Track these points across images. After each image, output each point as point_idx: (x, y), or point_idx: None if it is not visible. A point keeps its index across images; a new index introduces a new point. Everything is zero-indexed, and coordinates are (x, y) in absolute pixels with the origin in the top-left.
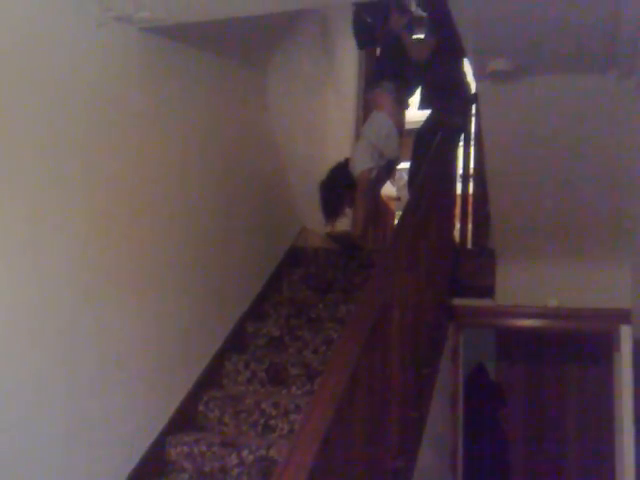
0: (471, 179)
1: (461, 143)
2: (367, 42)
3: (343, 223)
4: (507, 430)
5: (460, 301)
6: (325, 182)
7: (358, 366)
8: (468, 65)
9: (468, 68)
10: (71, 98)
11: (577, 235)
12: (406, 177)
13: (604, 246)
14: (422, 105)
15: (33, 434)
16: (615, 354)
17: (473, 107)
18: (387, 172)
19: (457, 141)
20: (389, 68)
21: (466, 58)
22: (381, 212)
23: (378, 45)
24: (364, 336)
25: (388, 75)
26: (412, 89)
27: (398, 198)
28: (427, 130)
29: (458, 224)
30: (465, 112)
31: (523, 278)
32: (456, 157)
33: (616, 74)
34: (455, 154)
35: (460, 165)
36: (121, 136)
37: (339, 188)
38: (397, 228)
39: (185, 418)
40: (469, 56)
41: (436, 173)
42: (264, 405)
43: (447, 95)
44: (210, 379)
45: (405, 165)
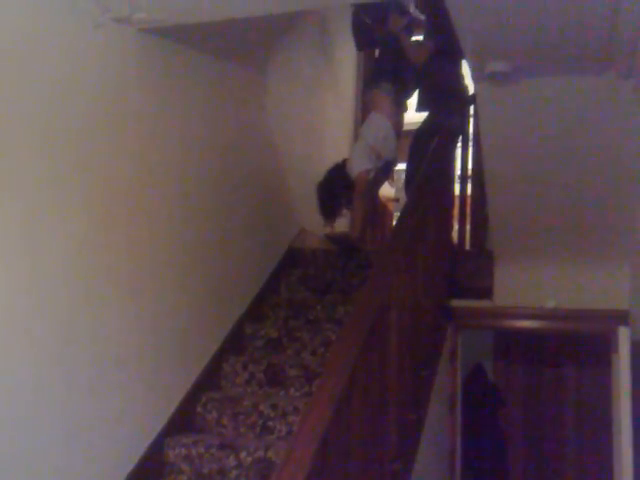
0: (469, 180)
1: (459, 144)
2: (366, 43)
3: (341, 224)
4: (505, 431)
5: (458, 302)
6: (323, 183)
7: (356, 368)
8: (466, 67)
9: (466, 70)
10: (69, 99)
11: (575, 236)
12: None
13: (602, 247)
14: (420, 107)
15: (31, 435)
16: (613, 355)
17: (471, 108)
18: (385, 173)
19: (455, 142)
20: (387, 69)
21: (464, 60)
22: (379, 213)
23: (377, 46)
24: (362, 338)
25: (386, 76)
26: (410, 91)
27: (397, 199)
28: (425, 132)
29: (456, 225)
30: (463, 114)
31: (521, 279)
32: (454, 158)
33: (614, 75)
34: (453, 155)
35: (458, 166)
36: (119, 137)
37: (337, 189)
38: (395, 229)
39: (183, 420)
40: (467, 57)
41: (434, 174)
42: (262, 407)
43: (445, 97)
44: (208, 380)
45: (404, 166)
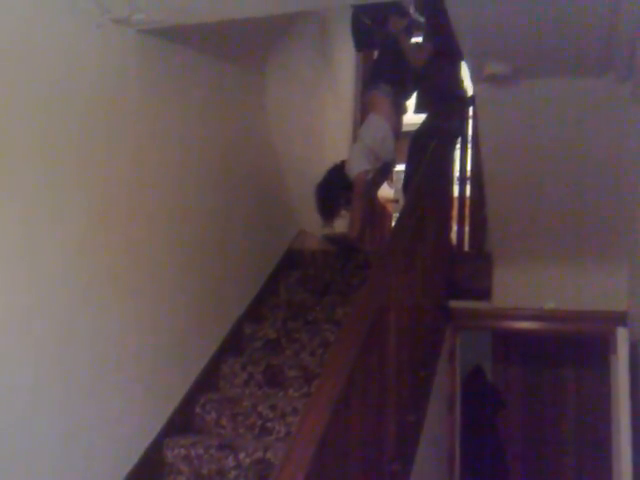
0: (468, 181)
1: (458, 146)
2: (365, 44)
3: (340, 225)
4: (504, 432)
5: (457, 303)
6: (321, 184)
7: (355, 369)
8: (465, 70)
9: (465, 72)
10: (68, 99)
11: (574, 238)
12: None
13: (601, 248)
14: (418, 109)
15: (30, 436)
16: (612, 356)
17: (470, 110)
18: (383, 175)
19: (454, 144)
20: (386, 71)
21: (463, 62)
22: (378, 214)
23: (376, 47)
24: (361, 339)
25: (385, 78)
26: (409, 92)
27: (395, 200)
28: (423, 133)
29: (455, 226)
30: (462, 115)
31: (520, 280)
32: (453, 160)
33: (613, 77)
34: (452, 157)
35: (457, 167)
36: (118, 137)
37: (335, 190)
38: (394, 230)
39: (182, 421)
40: (466, 59)
41: (433, 176)
42: (261, 408)
43: (444, 99)
44: (207, 381)
45: (403, 167)
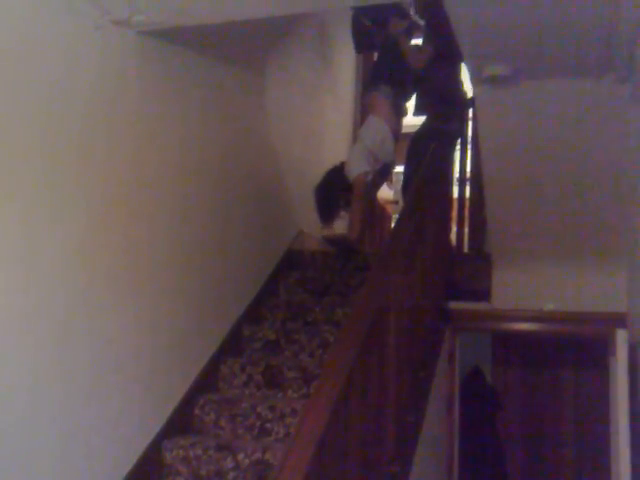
0: (468, 183)
1: (458, 147)
2: (365, 46)
3: (340, 226)
4: (503, 433)
5: (456, 305)
6: (320, 185)
7: (354, 370)
8: (465, 72)
9: (465, 75)
10: (68, 101)
11: (573, 239)
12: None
13: (600, 250)
14: (418, 111)
15: (29, 436)
16: (611, 358)
17: (470, 111)
18: (382, 176)
19: (454, 145)
20: (386, 72)
21: (463, 63)
22: (378, 215)
23: (376, 49)
24: (360, 340)
25: (385, 79)
26: (409, 94)
27: (395, 201)
28: (423, 135)
29: (455, 227)
30: (462, 117)
31: (519, 282)
32: (453, 161)
33: (613, 79)
34: (452, 158)
35: (457, 169)
36: (118, 138)
37: (334, 192)
38: (394, 232)
39: (181, 421)
40: (466, 61)
41: (433, 177)
42: (260, 408)
43: (444, 101)
44: (206, 382)
45: (402, 169)
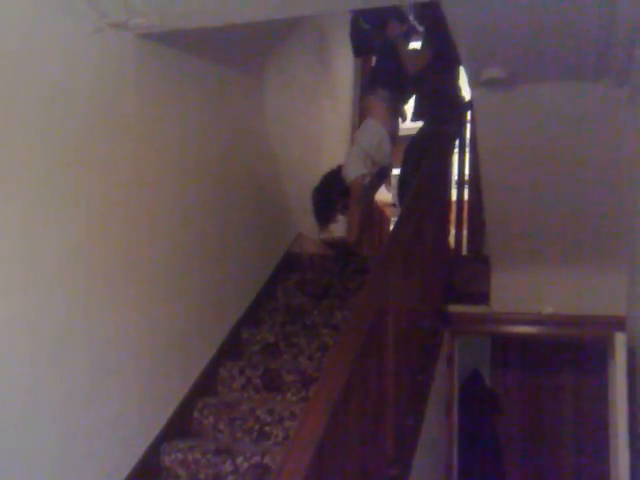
0: (466, 185)
1: (456, 150)
2: (364, 50)
3: (338, 229)
4: (502, 436)
5: (455, 308)
6: (318, 189)
7: (353, 373)
8: (463, 75)
9: (463, 77)
10: (67, 103)
11: (572, 242)
12: None
13: (600, 253)
14: (415, 117)
15: (29, 438)
16: (610, 361)
17: (468, 114)
18: (380, 179)
19: (452, 148)
20: (384, 76)
21: (462, 67)
22: (376, 218)
23: (375, 53)
24: (359, 343)
25: (382, 83)
26: (407, 97)
27: (393, 204)
28: (421, 137)
29: (453, 230)
30: (460, 121)
31: (518, 285)
32: (451, 164)
33: (610, 82)
34: (450, 161)
35: (455, 171)
36: (117, 141)
37: (332, 195)
38: (392, 235)
39: (180, 424)
40: (464, 64)
41: (431, 180)
42: (259, 412)
43: (442, 104)
44: (205, 385)
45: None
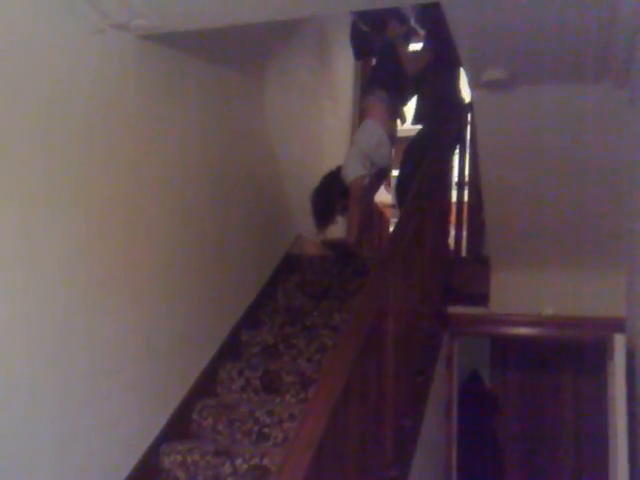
0: (466, 187)
1: (456, 151)
2: (364, 52)
3: (337, 231)
4: (502, 437)
5: (454, 309)
6: (317, 190)
7: (352, 374)
8: (463, 76)
9: (463, 79)
10: (67, 104)
11: (572, 243)
12: None
13: (599, 254)
14: (416, 120)
15: (27, 439)
16: (609, 363)
17: (468, 116)
18: (379, 180)
19: (452, 149)
20: (383, 77)
21: (462, 68)
22: (376, 219)
23: (375, 55)
24: (359, 344)
25: (381, 84)
26: (406, 99)
27: (393, 205)
28: (420, 138)
29: (453, 231)
30: (460, 122)
31: (518, 286)
32: (451, 165)
33: (610, 84)
34: (450, 162)
35: (455, 172)
36: (117, 141)
37: (331, 196)
38: (392, 236)
39: (179, 426)
40: (464, 65)
41: (431, 181)
42: (258, 413)
43: (442, 106)
44: (204, 387)
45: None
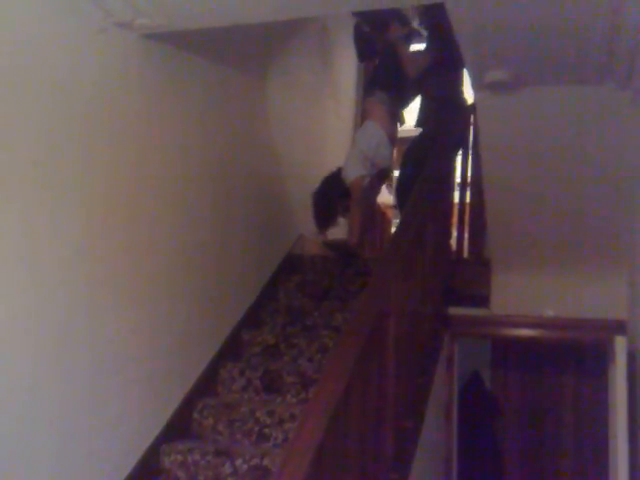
0: (468, 188)
1: (459, 152)
2: (368, 54)
3: (340, 231)
4: (502, 439)
5: (456, 310)
6: (318, 191)
7: (353, 375)
8: (466, 78)
9: (466, 81)
10: (70, 103)
11: (574, 245)
12: None
13: (601, 256)
14: (419, 123)
15: (28, 438)
16: (610, 365)
17: (471, 117)
18: (380, 180)
19: (455, 150)
20: (383, 78)
21: (465, 69)
22: (378, 220)
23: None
24: (360, 345)
25: (381, 85)
26: (407, 100)
27: (395, 206)
28: (422, 138)
29: (455, 232)
30: (463, 123)
31: (519, 287)
32: (454, 166)
33: (613, 85)
34: (453, 163)
35: (458, 173)
36: (120, 140)
37: (332, 197)
38: (394, 237)
39: (180, 425)
40: (467, 66)
41: (433, 182)
42: (259, 413)
43: (445, 107)
44: (205, 386)
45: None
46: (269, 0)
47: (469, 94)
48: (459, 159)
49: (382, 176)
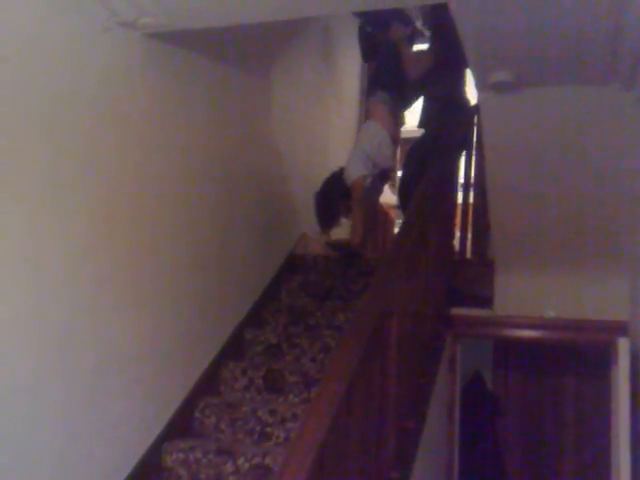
0: (472, 188)
1: (462, 153)
2: (371, 54)
3: (340, 232)
4: (504, 439)
5: (458, 311)
6: (320, 191)
7: (355, 375)
8: (470, 79)
9: (469, 81)
10: (73, 102)
11: (576, 246)
12: None
13: (603, 258)
14: (422, 123)
15: (30, 437)
16: (612, 366)
17: (474, 118)
18: (382, 180)
19: (458, 151)
20: (385, 78)
21: (468, 70)
22: (381, 220)
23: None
24: (362, 345)
25: (383, 85)
26: (409, 100)
27: (398, 206)
28: (424, 139)
29: (458, 233)
30: (466, 124)
31: (522, 288)
32: (457, 167)
33: (617, 86)
34: (456, 164)
35: (461, 174)
36: (123, 140)
37: (334, 197)
38: (397, 237)
39: (182, 424)
40: (471, 67)
41: (437, 182)
42: (261, 413)
43: (448, 108)
44: (207, 386)
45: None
46: (271, 0)
47: (472, 94)
48: (462, 160)
49: (384, 176)
